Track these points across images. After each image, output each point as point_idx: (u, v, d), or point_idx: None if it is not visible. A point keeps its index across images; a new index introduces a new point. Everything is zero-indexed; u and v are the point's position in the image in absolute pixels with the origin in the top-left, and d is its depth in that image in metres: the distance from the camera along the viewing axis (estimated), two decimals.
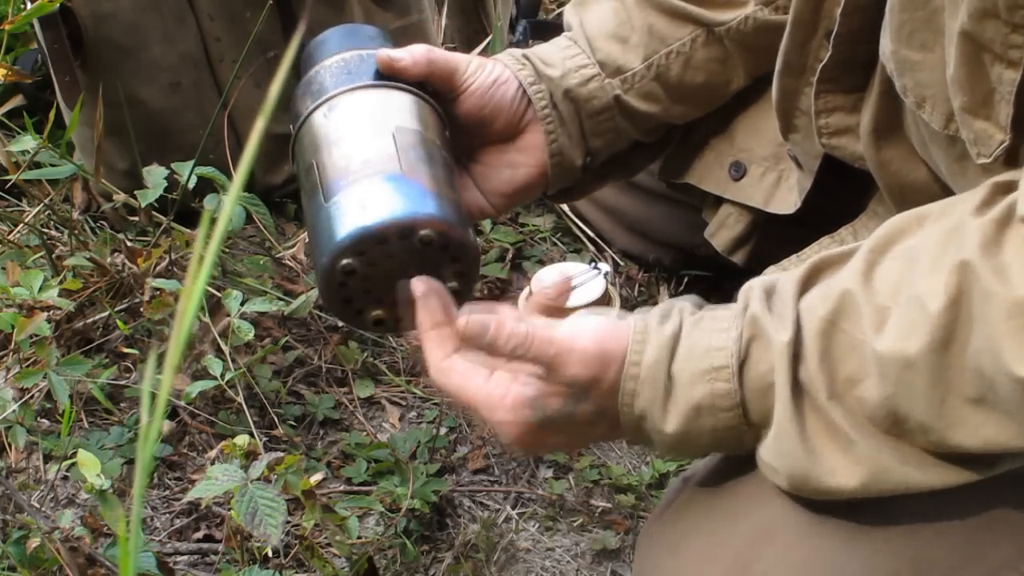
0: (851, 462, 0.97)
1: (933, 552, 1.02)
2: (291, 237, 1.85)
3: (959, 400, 0.93)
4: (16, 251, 1.72)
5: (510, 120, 1.29)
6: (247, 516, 1.25)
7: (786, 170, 1.40)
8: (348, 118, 1.19)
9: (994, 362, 0.90)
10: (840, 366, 0.97)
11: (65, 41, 1.77)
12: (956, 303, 0.92)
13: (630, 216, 1.78)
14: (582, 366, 1.02)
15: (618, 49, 1.34)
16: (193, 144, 1.71)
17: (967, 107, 0.98)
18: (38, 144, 1.62)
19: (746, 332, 1.00)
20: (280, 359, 1.68)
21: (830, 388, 0.98)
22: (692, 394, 1.01)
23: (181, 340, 0.50)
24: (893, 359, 0.94)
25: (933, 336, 0.92)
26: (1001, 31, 0.93)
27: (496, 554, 1.51)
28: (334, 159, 1.15)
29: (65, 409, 1.44)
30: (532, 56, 1.32)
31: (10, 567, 1.29)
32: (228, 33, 1.81)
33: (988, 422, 0.93)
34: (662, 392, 1.01)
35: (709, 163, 1.46)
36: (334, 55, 1.24)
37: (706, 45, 1.35)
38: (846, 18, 1.15)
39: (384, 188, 1.11)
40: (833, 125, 1.22)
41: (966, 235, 0.93)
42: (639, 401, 1.02)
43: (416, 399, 1.70)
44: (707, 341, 1.01)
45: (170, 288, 1.56)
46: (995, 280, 0.90)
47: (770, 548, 1.04)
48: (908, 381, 0.94)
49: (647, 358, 1.02)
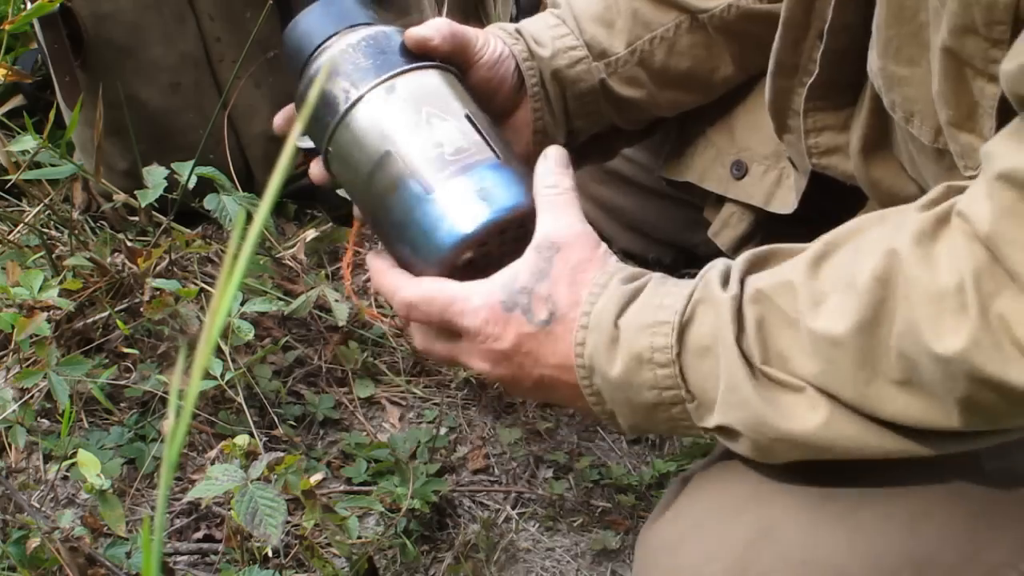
0: (806, 406, 0.99)
1: (933, 551, 1.02)
2: (291, 237, 1.85)
3: (885, 381, 0.95)
4: (16, 251, 1.72)
5: (507, 96, 1.30)
6: (247, 516, 1.25)
7: (786, 168, 1.40)
8: (415, 103, 1.16)
9: (916, 343, 0.92)
10: (772, 340, 1.00)
11: (65, 41, 1.77)
12: (882, 285, 0.94)
13: (630, 214, 1.78)
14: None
15: (603, 32, 1.34)
16: (193, 144, 1.71)
17: (952, 121, 0.99)
18: (38, 144, 1.62)
19: (696, 295, 1.04)
20: (280, 359, 1.68)
21: (764, 358, 1.00)
22: (634, 344, 1.04)
23: (212, 341, 0.50)
24: (822, 337, 0.97)
25: (859, 316, 0.95)
26: (981, 46, 0.93)
27: (496, 554, 1.50)
28: (420, 147, 1.13)
29: (65, 409, 1.44)
30: (524, 32, 1.31)
31: (10, 567, 1.29)
32: (228, 33, 1.81)
33: (914, 403, 0.95)
34: (606, 339, 1.05)
35: (710, 162, 1.46)
36: (346, 34, 1.21)
37: (690, 31, 1.36)
38: (833, 36, 1.15)
39: (495, 179, 1.12)
40: (823, 144, 1.23)
41: (904, 227, 0.95)
42: (587, 349, 1.06)
43: (416, 399, 1.70)
44: (659, 300, 1.05)
45: (170, 288, 1.56)
46: (921, 267, 0.92)
47: (770, 548, 1.04)
48: (836, 360, 0.96)
49: (596, 307, 1.06)
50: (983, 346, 0.89)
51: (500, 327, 1.09)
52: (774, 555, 1.04)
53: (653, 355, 1.03)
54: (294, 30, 1.24)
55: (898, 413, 0.96)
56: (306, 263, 1.77)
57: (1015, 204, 0.88)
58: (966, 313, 0.89)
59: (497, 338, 1.09)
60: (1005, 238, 0.88)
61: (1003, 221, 0.89)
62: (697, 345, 1.02)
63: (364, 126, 1.16)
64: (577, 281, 1.09)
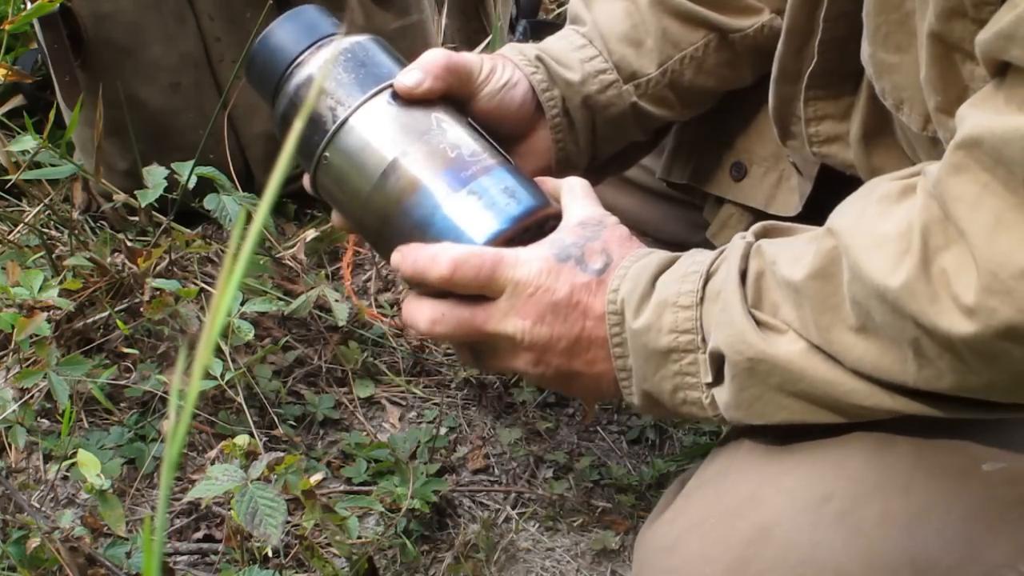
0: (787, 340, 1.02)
1: (932, 551, 1.02)
2: (291, 237, 1.85)
3: (844, 328, 0.98)
4: (16, 251, 1.72)
5: (516, 124, 1.28)
6: (247, 516, 1.25)
7: (787, 170, 1.39)
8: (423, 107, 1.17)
9: (862, 286, 0.95)
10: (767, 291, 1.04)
11: (65, 41, 1.77)
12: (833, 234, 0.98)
13: (630, 215, 1.78)
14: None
15: (632, 53, 1.31)
16: (193, 144, 1.71)
17: (941, 107, 0.99)
18: (38, 144, 1.62)
19: (724, 252, 1.08)
20: (280, 359, 1.68)
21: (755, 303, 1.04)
22: (664, 292, 1.07)
23: (212, 341, 0.50)
24: (787, 284, 1.01)
25: (812, 264, 0.99)
26: (970, 29, 0.93)
27: (496, 554, 1.50)
28: (438, 150, 1.14)
29: (65, 409, 1.44)
30: (545, 57, 1.28)
31: (10, 567, 1.29)
32: (228, 33, 1.81)
33: (871, 349, 0.97)
34: (640, 292, 1.08)
35: (710, 163, 1.46)
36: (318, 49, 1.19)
37: (718, 50, 1.34)
38: (830, 24, 1.15)
39: (516, 179, 1.15)
40: (823, 133, 1.22)
41: (873, 191, 0.99)
42: (620, 295, 1.09)
43: (416, 399, 1.70)
44: (692, 258, 1.10)
45: (170, 288, 1.56)
46: (874, 220, 0.95)
47: (768, 548, 1.04)
48: (801, 306, 1.00)
49: (638, 264, 1.10)
50: (917, 295, 0.91)
51: (553, 277, 1.10)
52: (773, 555, 1.04)
53: (678, 298, 1.06)
54: (262, 49, 1.22)
55: (858, 360, 0.98)
56: (306, 263, 1.77)
57: (964, 160, 0.90)
58: (906, 258, 0.92)
59: (550, 289, 1.10)
60: (951, 194, 0.90)
61: (950, 177, 0.90)
62: (714, 291, 1.06)
63: (366, 135, 1.15)
64: (627, 243, 1.13)
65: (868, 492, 1.04)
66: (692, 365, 1.06)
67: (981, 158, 0.88)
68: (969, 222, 0.88)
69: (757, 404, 1.03)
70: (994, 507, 1.03)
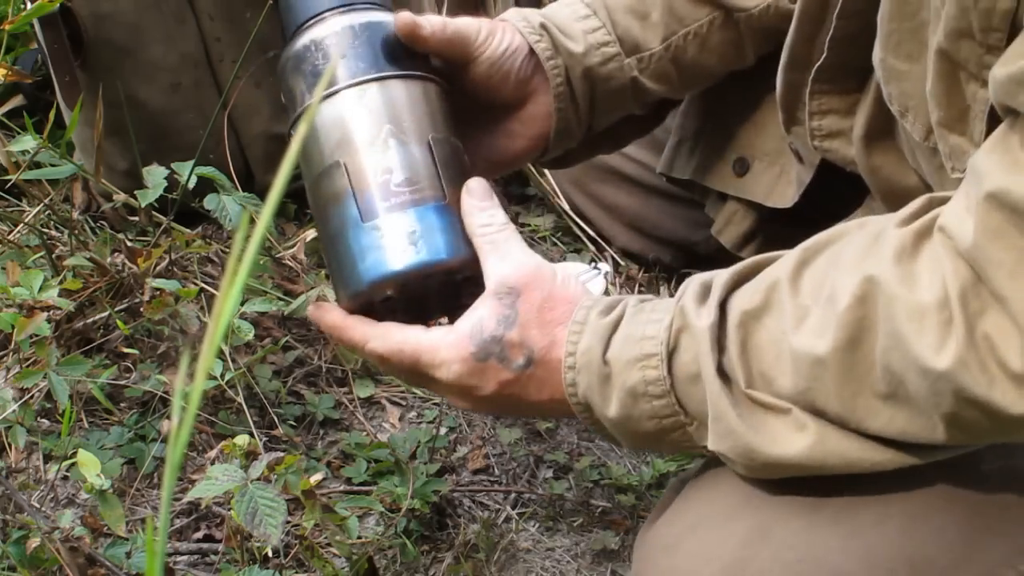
0: (792, 428, 0.99)
1: (930, 551, 1.02)
2: (291, 237, 1.85)
3: (870, 395, 0.96)
4: (16, 251, 1.72)
5: (515, 90, 1.26)
6: (247, 516, 1.25)
7: (787, 164, 1.39)
8: (380, 117, 1.12)
9: (903, 358, 0.92)
10: (756, 361, 1.00)
11: (65, 41, 1.77)
12: (861, 304, 0.94)
13: (630, 213, 1.78)
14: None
15: (637, 26, 1.30)
16: (193, 144, 1.71)
17: (943, 122, 0.99)
18: (38, 144, 1.62)
19: (676, 322, 1.03)
20: (280, 359, 1.68)
21: (748, 380, 1.00)
22: (626, 380, 1.04)
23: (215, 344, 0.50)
24: (805, 356, 0.97)
25: (839, 335, 0.95)
26: (976, 51, 0.93)
27: (496, 554, 1.50)
28: (370, 169, 1.10)
29: (65, 409, 1.44)
30: (550, 25, 1.27)
31: (10, 567, 1.29)
32: (228, 33, 1.81)
33: (899, 415, 0.95)
34: (598, 378, 1.05)
35: (712, 158, 1.46)
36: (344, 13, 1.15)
37: (722, 28, 1.33)
38: (842, 21, 1.14)
39: (434, 223, 1.09)
40: (826, 128, 1.22)
41: (883, 244, 0.95)
42: (580, 389, 1.06)
43: (416, 399, 1.70)
44: (641, 331, 1.04)
45: (170, 288, 1.56)
46: (902, 285, 0.92)
47: (766, 548, 1.04)
48: (820, 377, 0.97)
49: (580, 347, 1.06)
50: (970, 366, 0.89)
51: (477, 378, 1.08)
52: (771, 556, 1.04)
53: (648, 388, 1.03)
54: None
55: (884, 427, 0.96)
56: (306, 263, 1.77)
57: (1002, 225, 0.88)
58: (952, 330, 0.89)
59: (476, 388, 1.09)
60: (991, 260, 0.88)
61: (989, 243, 0.88)
62: (686, 374, 1.03)
63: (327, 125, 1.13)
64: (547, 321, 1.08)
65: (866, 492, 1.04)
66: (685, 435, 1.05)
67: (1019, 223, 0.87)
68: (1010, 288, 0.87)
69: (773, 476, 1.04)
70: (992, 507, 1.03)
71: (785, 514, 1.04)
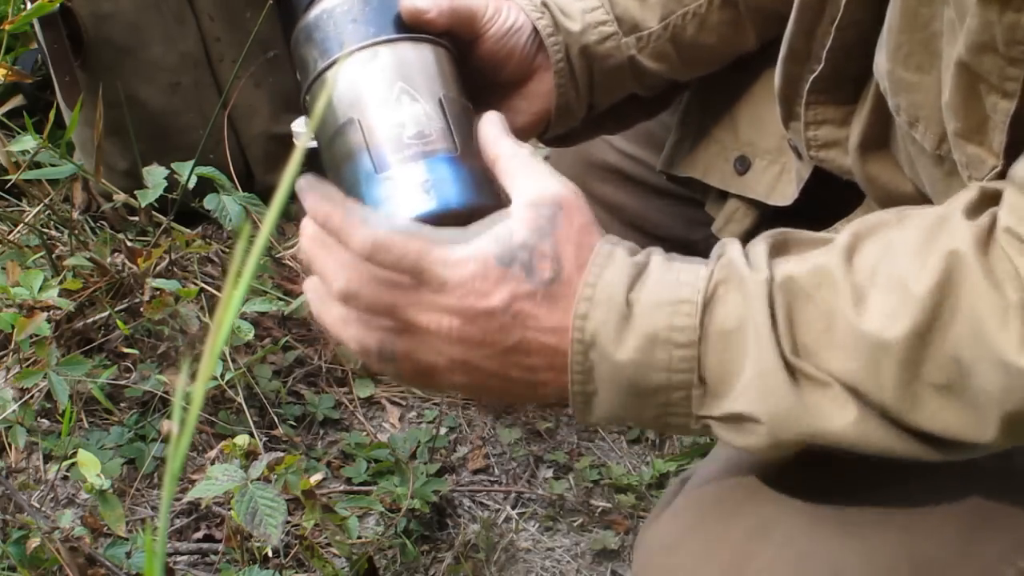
0: (836, 402, 0.95)
1: (930, 548, 1.02)
2: (291, 237, 1.85)
3: (924, 384, 0.93)
4: (16, 251, 1.72)
5: (519, 67, 1.28)
6: (247, 516, 1.25)
7: (788, 162, 1.39)
8: (391, 76, 1.14)
9: (981, 347, 0.90)
10: (802, 332, 0.96)
11: (65, 41, 1.77)
12: (943, 287, 0.91)
13: (630, 212, 1.78)
14: None
15: (636, 6, 1.32)
16: (193, 144, 1.71)
17: (960, 132, 0.99)
18: (38, 144, 1.62)
19: (718, 274, 0.97)
20: (280, 359, 1.68)
21: (792, 348, 0.96)
22: (650, 321, 0.96)
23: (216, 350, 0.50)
24: (872, 339, 0.93)
25: (916, 319, 0.92)
26: (998, 64, 0.93)
27: (496, 554, 1.50)
28: (383, 124, 1.11)
29: (65, 409, 1.44)
30: (551, 3, 1.28)
31: (10, 567, 1.29)
32: (228, 33, 1.81)
33: (948, 408, 0.93)
34: (617, 315, 0.96)
35: (713, 157, 1.46)
36: None
37: (721, 8, 1.34)
38: (841, 32, 1.14)
39: (446, 173, 1.09)
40: (822, 137, 1.22)
41: (956, 228, 0.93)
42: (590, 323, 0.96)
43: (416, 399, 1.70)
44: (675, 276, 0.97)
45: (170, 288, 1.56)
46: (985, 280, 0.90)
47: (766, 546, 1.04)
48: (879, 361, 0.93)
49: (604, 279, 0.97)
50: None
51: (490, 283, 0.97)
52: (771, 554, 1.04)
53: (672, 335, 0.95)
54: None
55: (930, 418, 0.94)
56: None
57: None
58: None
59: (483, 295, 0.97)
60: None
61: None
62: (720, 328, 0.96)
63: (339, 87, 1.16)
64: (583, 244, 0.99)
65: (866, 490, 1.04)
66: (683, 399, 0.98)
67: None
68: None
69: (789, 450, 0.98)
70: (991, 503, 1.03)
71: (785, 512, 1.04)
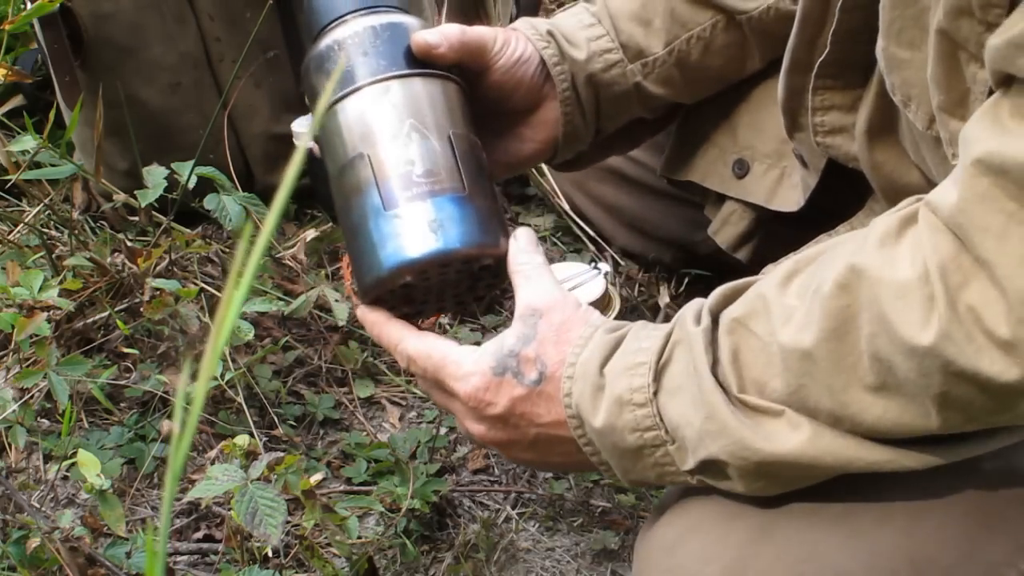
0: (786, 426, 0.99)
1: (931, 550, 1.02)
2: (291, 237, 1.85)
3: (860, 388, 0.95)
4: (16, 251, 1.72)
5: (527, 96, 1.29)
6: (247, 516, 1.25)
7: (788, 167, 1.39)
8: (402, 112, 1.15)
9: (889, 341, 0.92)
10: (747, 368, 1.00)
11: (65, 41, 1.77)
12: (845, 291, 0.94)
13: (630, 213, 1.78)
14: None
15: (641, 32, 1.33)
16: (193, 144, 1.71)
17: (943, 106, 0.99)
18: (38, 144, 1.62)
19: (673, 336, 1.04)
20: (280, 359, 1.68)
21: (740, 386, 1.01)
22: (616, 387, 1.04)
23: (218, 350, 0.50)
24: (792, 351, 0.97)
25: (825, 324, 0.95)
26: (975, 30, 0.93)
27: (496, 554, 1.50)
28: (393, 160, 1.13)
29: (65, 409, 1.44)
30: (556, 33, 1.30)
31: (10, 567, 1.29)
32: (228, 33, 1.81)
33: (892, 406, 0.95)
34: (591, 387, 1.06)
35: (712, 160, 1.46)
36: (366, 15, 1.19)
37: (726, 31, 1.35)
38: (845, 15, 1.15)
39: (453, 213, 1.12)
40: (829, 123, 1.22)
41: (869, 234, 0.96)
42: (573, 398, 1.07)
43: (416, 399, 1.70)
44: (637, 344, 1.06)
45: (170, 288, 1.56)
46: (884, 267, 0.92)
47: (767, 548, 1.04)
48: (809, 372, 0.97)
49: (581, 358, 1.07)
50: (955, 338, 0.88)
51: (492, 393, 1.10)
52: (772, 556, 1.04)
53: (632, 396, 1.04)
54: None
55: (878, 421, 0.96)
56: (306, 263, 1.77)
57: (989, 190, 0.87)
58: (934, 305, 0.89)
59: (490, 404, 1.10)
60: (976, 225, 0.88)
61: (975, 208, 0.88)
62: (671, 385, 1.03)
63: (350, 120, 1.16)
64: (562, 340, 1.09)
65: (867, 492, 1.04)
66: (666, 456, 1.05)
67: (1006, 186, 0.86)
68: (996, 253, 0.87)
69: (767, 485, 1.03)
70: (993, 505, 1.03)
71: (786, 514, 1.04)
